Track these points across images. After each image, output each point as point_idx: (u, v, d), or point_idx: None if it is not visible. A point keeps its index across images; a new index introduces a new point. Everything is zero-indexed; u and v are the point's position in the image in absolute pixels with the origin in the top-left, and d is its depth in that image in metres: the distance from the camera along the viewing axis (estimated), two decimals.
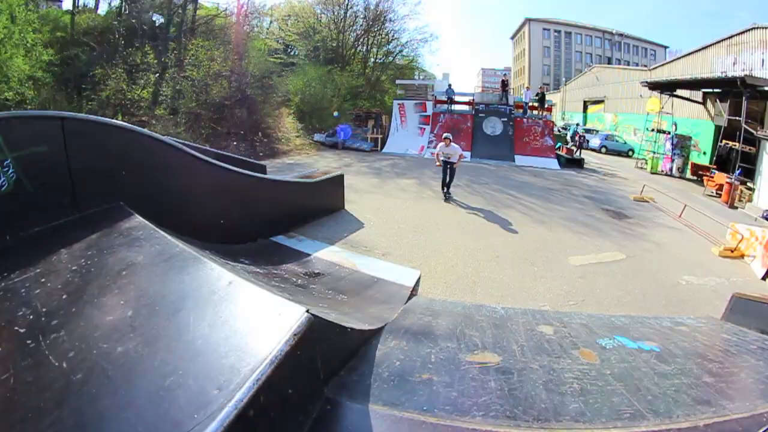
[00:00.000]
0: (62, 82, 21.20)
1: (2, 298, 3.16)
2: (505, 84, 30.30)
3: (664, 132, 27.45)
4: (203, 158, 6.80)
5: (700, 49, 27.30)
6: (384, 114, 28.79)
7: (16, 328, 2.80)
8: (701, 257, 10.16)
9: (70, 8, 26.32)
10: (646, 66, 41.04)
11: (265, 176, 8.83)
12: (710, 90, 24.73)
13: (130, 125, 5.88)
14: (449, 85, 29.22)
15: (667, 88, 26.64)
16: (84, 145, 4.91)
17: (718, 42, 25.31)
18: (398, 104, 28.26)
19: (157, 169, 5.98)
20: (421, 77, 36.99)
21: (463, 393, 2.73)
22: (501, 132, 26.02)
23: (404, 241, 9.22)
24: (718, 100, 23.88)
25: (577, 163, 24.79)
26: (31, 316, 2.91)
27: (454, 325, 4.22)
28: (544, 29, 72.31)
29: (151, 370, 2.30)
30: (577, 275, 8.20)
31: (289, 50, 38.83)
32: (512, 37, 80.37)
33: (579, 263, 8.82)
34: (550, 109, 29.22)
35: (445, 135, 13.63)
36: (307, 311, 2.59)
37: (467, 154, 24.21)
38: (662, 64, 34.00)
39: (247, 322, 2.79)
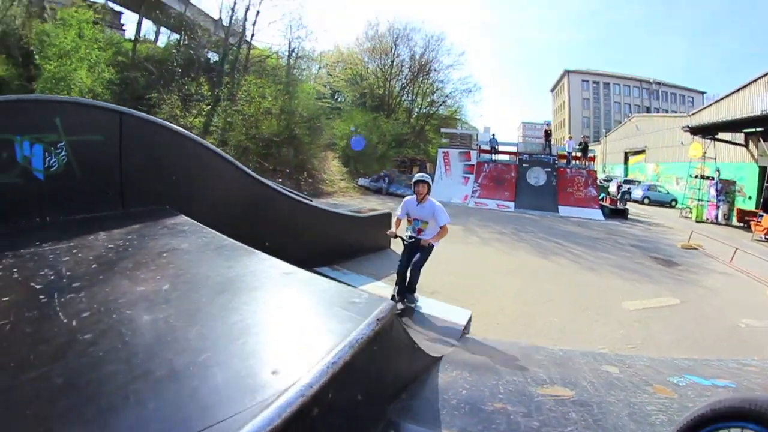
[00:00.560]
0: (119, 101, 22.35)
1: (27, 260, 3.03)
2: (548, 134, 30.51)
3: (707, 178, 26.48)
4: (255, 176, 6.78)
5: (738, 89, 26.58)
6: (428, 162, 29.01)
7: (32, 284, 2.62)
8: (758, 300, 9.80)
9: (132, 36, 28.70)
10: (685, 113, 40.64)
11: (313, 203, 8.66)
12: (752, 130, 23.95)
13: (186, 132, 5.90)
14: (493, 135, 29.48)
15: (708, 131, 26.00)
16: (139, 142, 4.97)
17: (757, 80, 24.73)
18: (443, 152, 28.47)
19: (207, 179, 5.93)
20: (463, 128, 37.54)
21: (545, 423, 2.57)
22: (544, 182, 25.64)
23: (452, 282, 8.95)
24: (761, 140, 23.11)
25: (621, 214, 24.12)
26: (52, 277, 2.74)
27: (514, 361, 4.04)
28: (583, 80, 72.39)
29: (183, 342, 2.01)
30: (633, 319, 7.90)
31: (336, 96, 40.21)
32: (552, 90, 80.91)
33: (633, 308, 8.49)
34: (593, 159, 29.12)
35: (417, 177, 6.41)
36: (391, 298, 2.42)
37: (510, 204, 24.20)
38: (702, 109, 33.41)
39: (314, 308, 2.56)
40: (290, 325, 2.26)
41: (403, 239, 6.34)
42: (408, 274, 6.26)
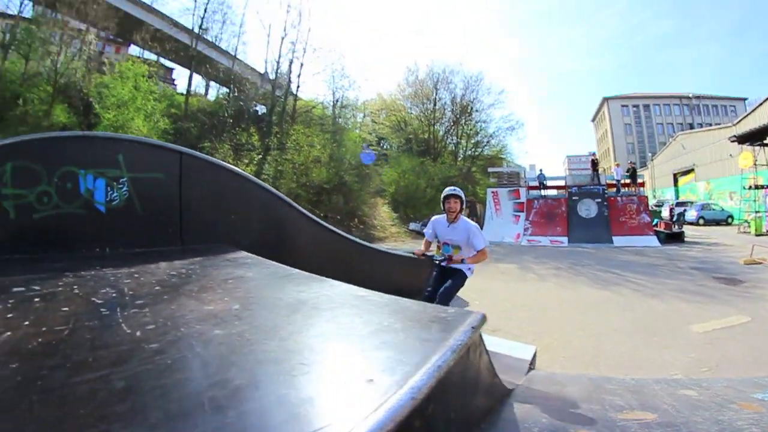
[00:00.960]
0: None
1: (87, 280, 3.03)
2: (595, 163, 29.95)
3: (762, 187, 25.38)
4: (309, 215, 6.77)
5: None
6: (478, 203, 28.88)
7: (93, 299, 2.57)
8: None
9: (184, 90, 30.63)
10: (729, 123, 38.99)
11: (369, 245, 8.59)
12: None
13: (243, 172, 6.03)
14: (540, 170, 29.43)
15: (756, 138, 25.07)
16: (198, 181, 5.13)
17: None
18: (492, 192, 28.31)
19: (264, 219, 5.98)
20: (510, 167, 37.36)
21: None
22: (596, 214, 25.08)
23: (512, 318, 8.71)
24: None
25: (678, 237, 23.37)
26: (114, 294, 2.70)
27: (587, 392, 3.73)
28: (623, 106, 71.05)
29: (261, 354, 1.87)
30: (704, 341, 7.46)
31: (382, 143, 40.89)
32: (593, 120, 79.63)
33: (702, 330, 8.02)
34: (642, 185, 28.63)
35: (447, 191, 5.44)
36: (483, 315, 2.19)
37: (563, 239, 23.64)
38: (746, 116, 32.47)
39: (400, 322, 2.40)
40: (378, 337, 2.07)
41: (433, 258, 5.56)
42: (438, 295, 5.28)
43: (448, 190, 5.38)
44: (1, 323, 2.04)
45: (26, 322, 2.06)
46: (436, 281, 5.40)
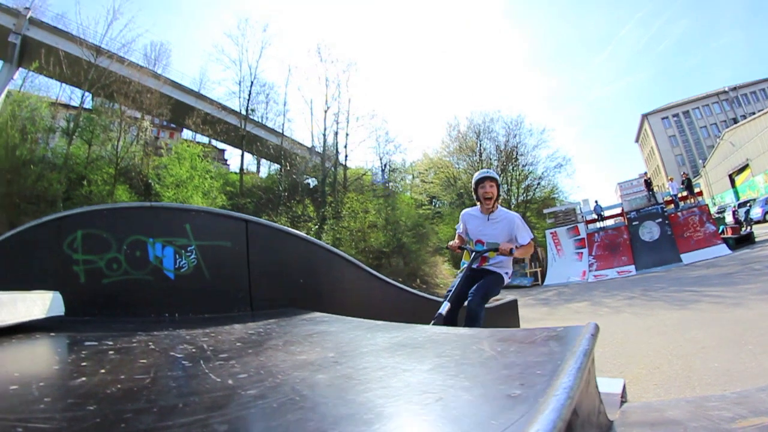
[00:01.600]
0: None
1: (162, 338, 3.03)
2: (648, 183, 28.87)
3: None
4: (381, 277, 6.67)
5: None
6: (539, 247, 28.40)
7: (172, 353, 2.52)
8: None
9: (237, 169, 32.58)
10: None
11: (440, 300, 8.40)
12: None
13: (308, 236, 6.08)
14: (596, 202, 28.81)
15: None
16: (265, 247, 5.18)
17: None
18: (551, 234, 27.81)
19: (332, 281, 5.91)
20: (563, 205, 36.57)
21: None
22: (659, 234, 24.01)
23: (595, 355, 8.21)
24: None
25: (748, 240, 22.29)
26: (193, 350, 2.61)
27: (690, 412, 3.36)
28: (663, 119, 67.68)
29: (380, 390, 1.68)
30: None
31: (434, 202, 41.09)
32: (637, 140, 76.63)
33: None
34: (700, 193, 27.84)
35: (479, 174, 4.49)
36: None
37: (630, 267, 22.60)
38: None
39: (514, 345, 2.26)
40: (497, 361, 1.94)
41: (467, 249, 4.41)
42: (468, 297, 4.10)
43: (481, 173, 4.40)
44: (75, 370, 1.99)
45: (102, 370, 1.97)
46: (463, 284, 4.17)
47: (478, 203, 4.41)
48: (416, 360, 2.14)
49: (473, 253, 4.26)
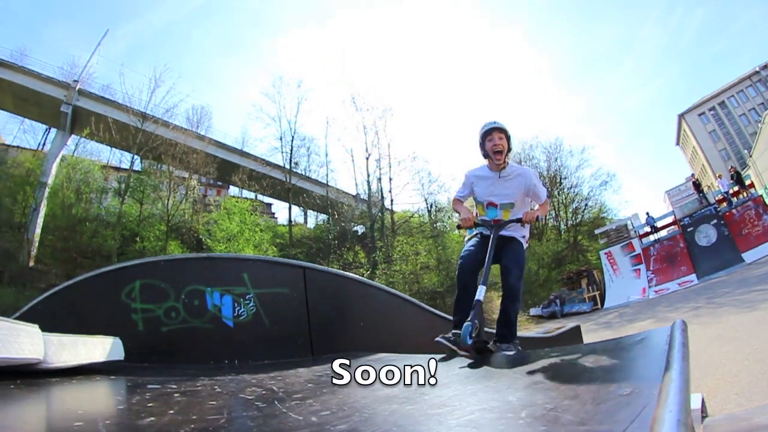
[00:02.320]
0: None
1: (227, 382, 2.96)
2: (697, 184, 27.92)
3: None
4: (442, 315, 6.45)
5: None
6: (594, 269, 27.38)
7: (241, 395, 2.46)
8: None
9: (284, 221, 34.17)
10: None
11: None
12: None
13: (365, 279, 6.26)
14: (647, 214, 27.91)
15: None
16: (323, 293, 5.20)
17: None
18: (605, 254, 27.23)
19: (393, 322, 5.80)
20: (614, 223, 35.40)
21: None
22: (716, 236, 23.00)
23: None
24: None
25: None
26: (263, 392, 2.55)
27: None
28: (699, 115, 63.69)
29: (479, 413, 1.58)
30: None
31: None
32: (677, 143, 73.11)
33: None
34: (752, 185, 26.90)
35: (488, 125, 3.70)
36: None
37: (692, 277, 21.59)
38: None
39: (606, 353, 2.22)
40: (594, 369, 1.96)
41: (484, 224, 3.68)
42: (504, 276, 3.55)
43: (487, 124, 3.70)
44: (142, 410, 1.93)
45: (171, 411, 1.89)
46: (473, 258, 3.58)
47: (487, 160, 3.73)
48: (507, 381, 2.11)
49: (492, 228, 3.57)
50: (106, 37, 34.65)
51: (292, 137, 33.91)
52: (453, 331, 3.29)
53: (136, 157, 29.12)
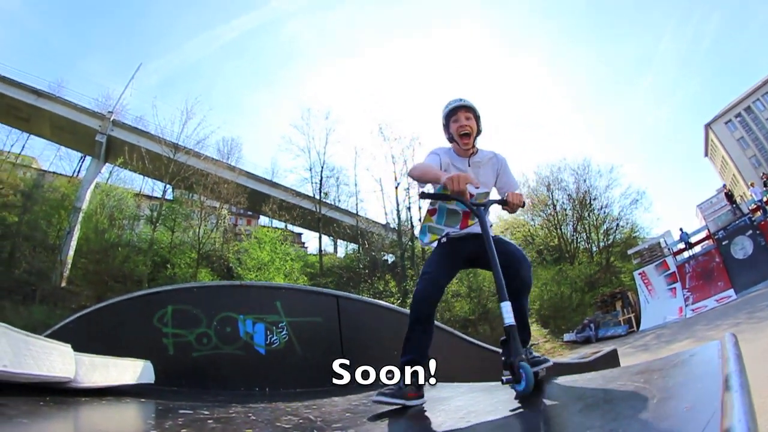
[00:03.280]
0: None
1: (260, 410, 2.97)
2: (729, 195, 26.93)
3: None
4: (477, 342, 6.55)
5: None
6: (629, 291, 26.72)
7: (278, 423, 2.38)
8: None
9: (315, 250, 34.60)
10: None
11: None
12: None
13: (399, 307, 6.16)
14: (681, 229, 27.04)
15: None
16: (357, 321, 5.21)
17: None
18: (639, 274, 26.51)
19: (435, 352, 5.79)
20: (647, 244, 34.52)
21: None
22: (753, 248, 21.88)
23: None
24: None
25: None
26: (300, 420, 2.48)
27: None
28: (726, 123, 60.85)
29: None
30: None
31: None
32: (706, 154, 70.68)
33: None
34: None
35: (454, 102, 3.00)
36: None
37: (729, 292, 20.76)
38: None
39: (657, 375, 2.00)
40: (647, 389, 1.77)
41: (463, 203, 2.76)
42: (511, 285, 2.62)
43: (451, 102, 3.03)
44: None
45: None
46: (437, 281, 2.83)
47: (452, 144, 3.06)
48: (559, 407, 2.03)
49: (474, 210, 2.76)
50: (139, 70, 36.35)
51: (322, 168, 34.36)
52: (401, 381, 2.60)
53: (168, 186, 30.00)
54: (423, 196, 3.04)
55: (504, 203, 2.93)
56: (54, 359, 2.45)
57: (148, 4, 73.85)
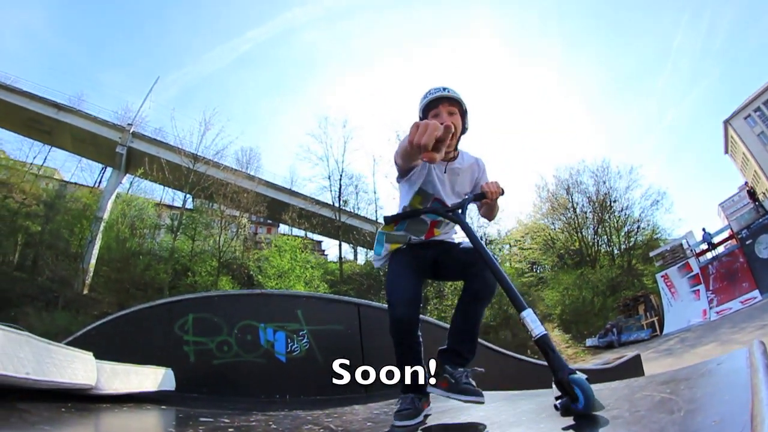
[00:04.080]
0: None
1: (281, 418, 2.95)
2: (752, 193, 26.19)
3: None
4: (497, 348, 6.69)
5: None
6: (651, 294, 26.21)
7: None
8: None
9: (334, 259, 34.82)
10: None
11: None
12: None
13: (421, 315, 6.18)
14: (704, 230, 26.67)
15: None
16: (377, 329, 5.15)
17: None
18: (662, 277, 26.11)
19: None
20: (669, 246, 33.84)
21: None
22: None
23: None
24: None
25: None
26: (321, 429, 2.49)
27: None
28: (745, 118, 59.51)
29: None
30: None
31: (534, 268, 40.01)
32: (726, 151, 68.94)
33: None
34: None
35: (435, 92, 2.45)
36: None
37: (755, 293, 20.25)
38: None
39: (685, 385, 1.93)
40: (674, 400, 1.73)
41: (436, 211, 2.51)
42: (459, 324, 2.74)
43: (433, 91, 2.47)
44: None
45: None
46: (413, 287, 2.55)
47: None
48: (581, 419, 1.87)
49: (451, 217, 2.45)
50: (157, 83, 37.03)
51: (340, 176, 34.52)
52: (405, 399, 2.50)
53: (188, 195, 30.51)
54: (387, 220, 2.59)
55: (482, 197, 2.48)
56: (76, 366, 2.48)
57: (166, 18, 75.87)
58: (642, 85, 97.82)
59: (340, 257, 33.56)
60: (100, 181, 33.53)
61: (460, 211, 2.40)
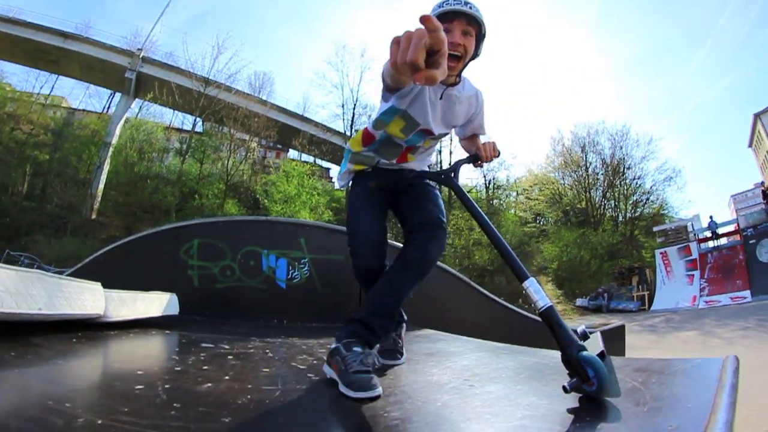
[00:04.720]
0: None
1: (278, 345, 3.13)
2: (767, 194, 26.01)
3: None
4: (489, 295, 6.64)
5: None
6: (647, 268, 26.51)
7: (293, 363, 2.48)
8: None
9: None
10: None
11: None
12: None
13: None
14: (711, 218, 26.24)
15: None
16: None
17: None
18: (660, 254, 26.04)
19: (441, 298, 5.80)
20: (674, 222, 33.83)
21: None
22: None
23: None
24: None
25: None
26: (314, 361, 2.61)
27: None
28: None
29: (529, 419, 1.54)
30: None
31: (538, 219, 40.15)
32: (750, 145, 67.86)
33: None
34: None
35: (455, 3, 1.91)
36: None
37: (745, 293, 20.37)
38: None
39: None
40: (642, 392, 1.75)
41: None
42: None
43: (449, 2, 1.96)
44: (199, 374, 1.97)
45: (226, 377, 1.93)
46: (377, 222, 2.36)
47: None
48: (556, 385, 1.80)
49: (443, 181, 2.25)
50: (168, 7, 36.51)
51: (354, 105, 33.90)
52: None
53: (198, 119, 30.42)
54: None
55: (476, 159, 2.30)
56: (85, 298, 2.64)
57: None
58: (676, 60, 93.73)
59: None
60: (108, 107, 33.63)
61: (452, 174, 2.18)
